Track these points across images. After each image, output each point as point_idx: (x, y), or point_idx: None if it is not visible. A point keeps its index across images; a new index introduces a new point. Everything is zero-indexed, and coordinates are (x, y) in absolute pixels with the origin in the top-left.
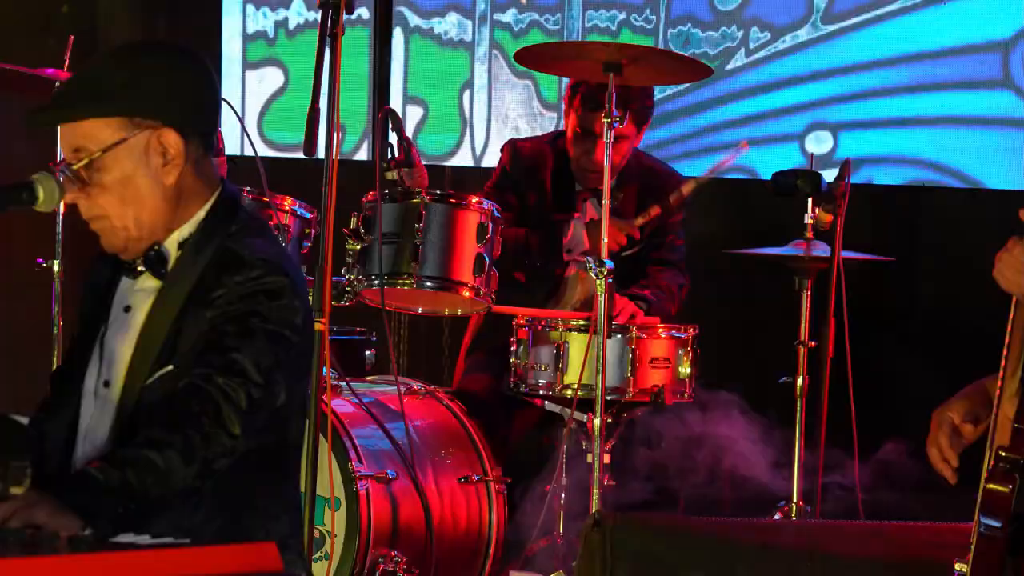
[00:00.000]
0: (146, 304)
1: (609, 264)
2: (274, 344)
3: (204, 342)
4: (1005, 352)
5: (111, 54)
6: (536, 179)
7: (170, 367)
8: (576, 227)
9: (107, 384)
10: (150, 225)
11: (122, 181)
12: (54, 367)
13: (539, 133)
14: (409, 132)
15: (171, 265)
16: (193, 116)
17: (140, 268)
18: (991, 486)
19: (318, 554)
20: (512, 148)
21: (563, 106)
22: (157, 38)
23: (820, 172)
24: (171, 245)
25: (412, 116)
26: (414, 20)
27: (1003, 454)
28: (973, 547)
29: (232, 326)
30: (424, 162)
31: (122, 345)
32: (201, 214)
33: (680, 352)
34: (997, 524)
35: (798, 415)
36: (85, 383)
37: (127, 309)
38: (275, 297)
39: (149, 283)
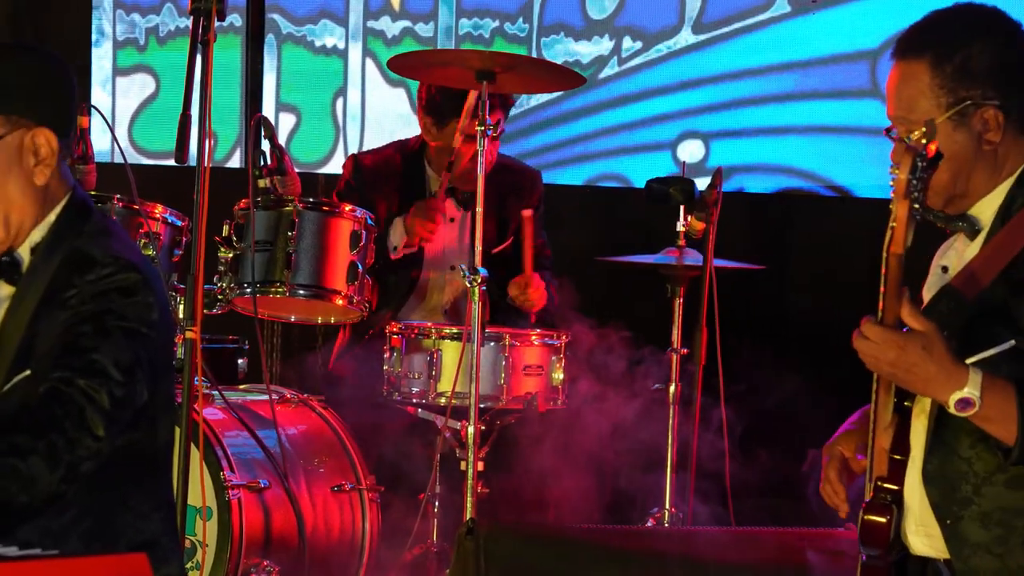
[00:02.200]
0: (0, 311)
1: (483, 272)
2: (132, 341)
3: (61, 344)
4: (875, 385)
5: None
6: (385, 189)
7: (27, 372)
8: (395, 223)
9: None
10: (18, 227)
11: None
12: None
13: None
14: (282, 140)
15: (24, 270)
16: (63, 117)
17: None
18: (869, 517)
19: (189, 564)
20: (355, 161)
21: (424, 117)
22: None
23: (693, 180)
24: (24, 251)
25: (285, 123)
26: (287, 27)
27: (881, 484)
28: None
29: (88, 326)
30: (297, 170)
31: None
32: (52, 217)
33: (553, 359)
34: (875, 553)
35: (671, 421)
36: None
37: None
38: (128, 294)
39: (4, 290)
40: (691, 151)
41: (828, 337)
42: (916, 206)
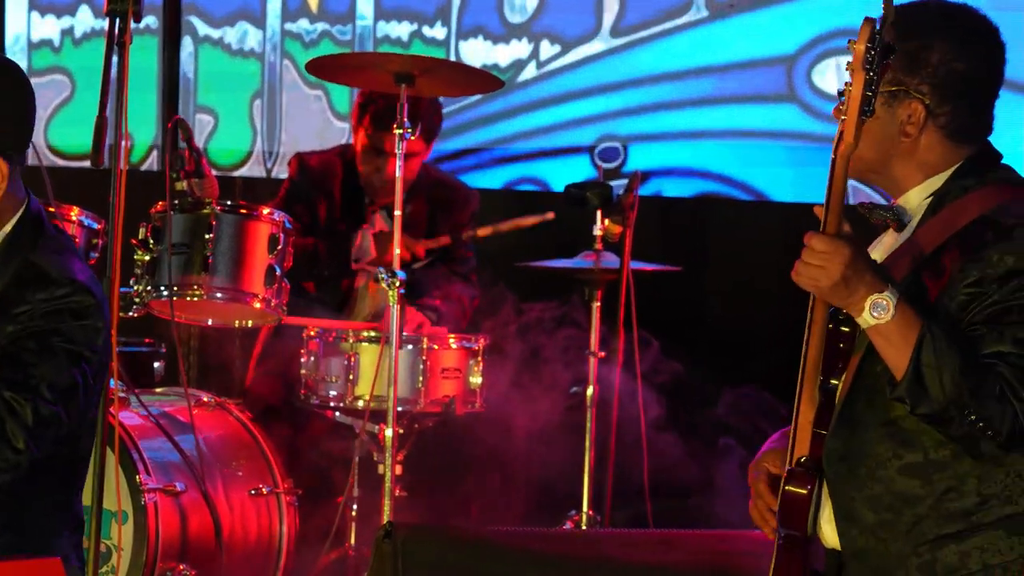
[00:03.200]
0: None
1: (401, 275)
2: (72, 364)
3: (3, 356)
4: (803, 363)
5: None
6: (325, 191)
7: None
8: (364, 237)
9: None
10: None
11: None
12: None
13: (331, 144)
14: (199, 142)
15: None
16: (18, 137)
17: None
18: (789, 488)
19: (104, 568)
20: (299, 161)
21: (351, 122)
22: None
23: (610, 184)
24: None
25: (202, 126)
26: (203, 29)
27: (801, 461)
28: (774, 559)
29: (33, 342)
30: (214, 172)
31: None
32: (8, 228)
33: (471, 362)
34: (796, 533)
35: (588, 424)
36: None
37: None
38: (80, 317)
39: None
40: (609, 155)
41: (744, 339)
42: (869, 93)
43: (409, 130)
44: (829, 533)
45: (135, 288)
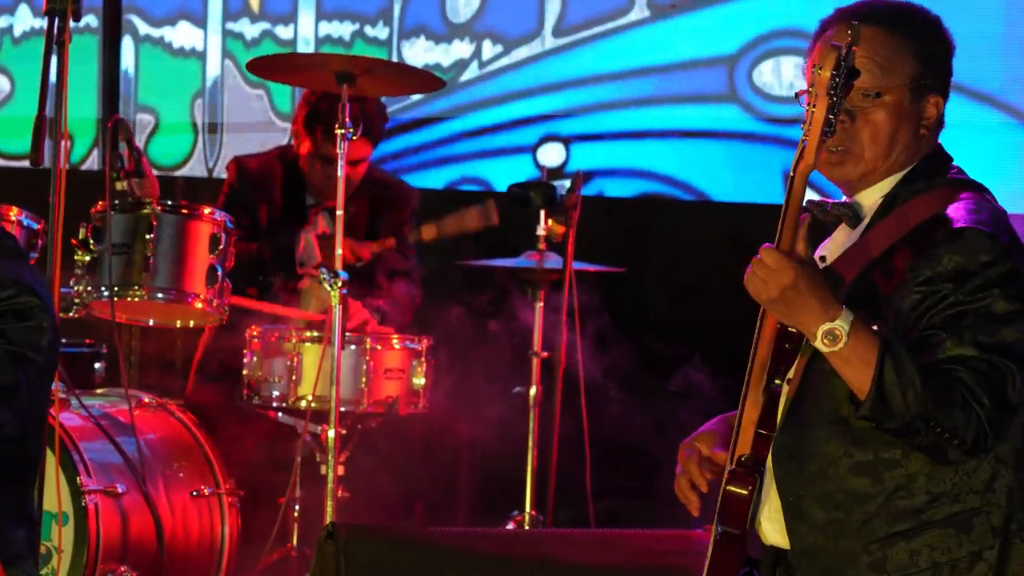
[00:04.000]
0: None
1: (343, 275)
2: (14, 365)
3: None
4: (751, 359)
5: None
6: (266, 194)
7: None
8: (308, 239)
9: None
10: None
11: None
12: None
13: (273, 143)
14: (140, 142)
15: None
16: None
17: None
18: (731, 488)
19: (44, 570)
20: (238, 165)
21: (294, 127)
22: None
23: (553, 184)
24: None
25: (143, 125)
26: (144, 28)
27: (743, 460)
28: (710, 555)
29: None
30: (155, 172)
31: None
32: None
33: (414, 363)
34: (736, 531)
35: (531, 424)
36: None
37: None
38: (23, 318)
39: None
40: (552, 155)
41: (687, 339)
42: (831, 116)
43: (351, 130)
44: (769, 530)
45: (75, 289)
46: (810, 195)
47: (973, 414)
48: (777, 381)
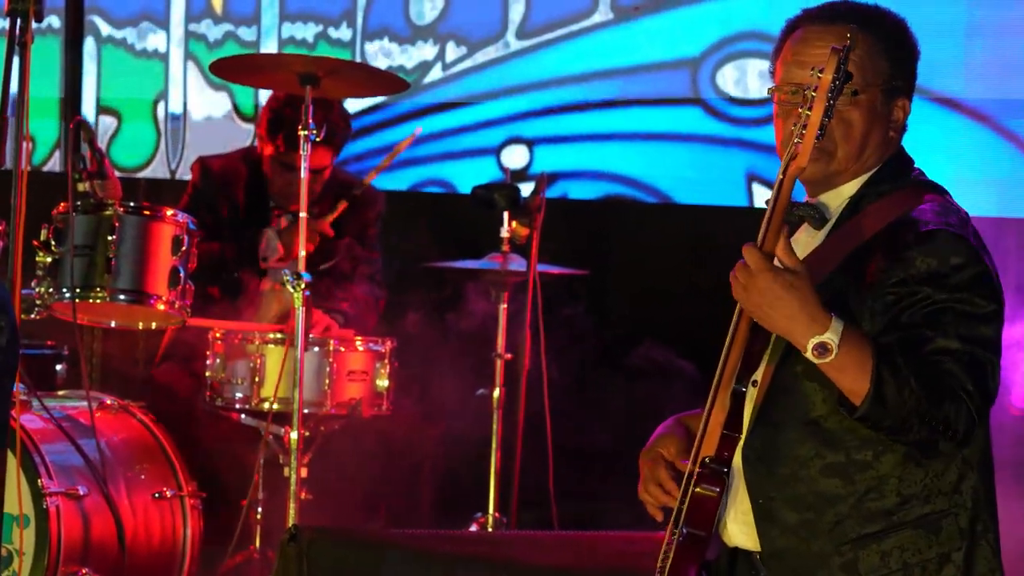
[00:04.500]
0: None
1: (306, 277)
2: None
3: None
4: (723, 361)
5: None
6: (228, 195)
7: None
8: (270, 235)
9: None
10: None
11: None
12: None
13: (236, 145)
14: (102, 143)
15: None
16: None
17: None
18: (700, 490)
19: (5, 573)
20: (202, 166)
21: (258, 131)
22: None
23: (517, 186)
24: None
25: (105, 127)
26: (106, 30)
27: (708, 461)
28: (671, 555)
29: None
30: (117, 174)
31: None
32: None
33: (377, 365)
34: (702, 534)
35: (494, 426)
36: None
37: None
38: None
39: None
40: (515, 157)
41: (649, 340)
42: (826, 119)
43: (315, 132)
44: (735, 532)
45: (37, 290)
46: (767, 194)
47: (963, 404)
48: (743, 384)
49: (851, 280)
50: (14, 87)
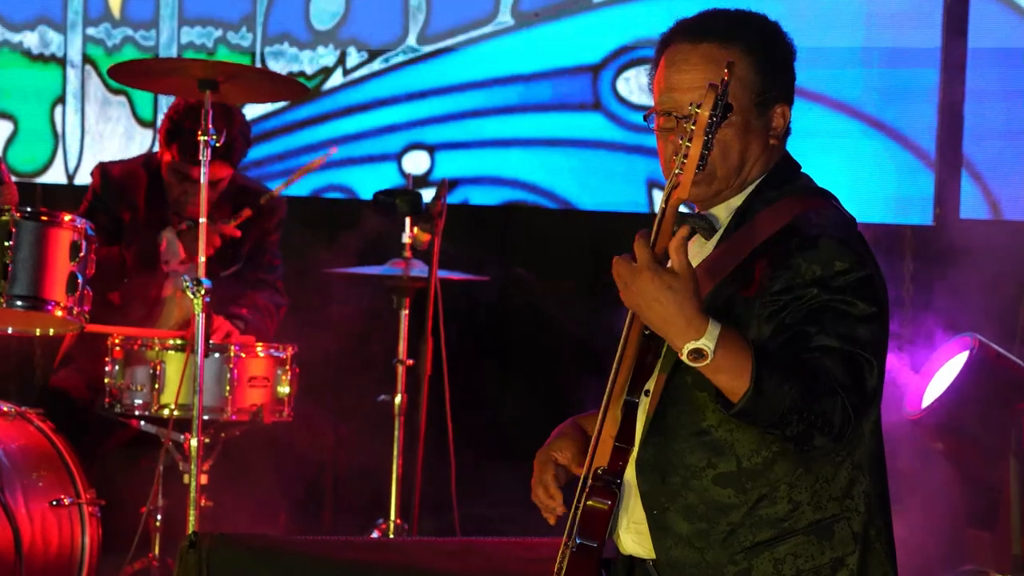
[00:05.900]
0: None
1: (206, 283)
2: None
3: None
4: (614, 372)
5: None
6: (128, 201)
7: None
8: (169, 237)
9: None
10: None
11: None
12: None
13: (135, 151)
14: None
15: None
16: None
17: None
18: (591, 503)
19: None
20: (102, 171)
21: (159, 138)
22: None
23: (418, 192)
24: None
25: (1, 132)
26: (2, 33)
27: (600, 473)
28: (566, 565)
29: None
30: (14, 179)
31: None
32: None
33: (279, 371)
34: (594, 544)
35: (396, 433)
36: None
37: None
38: None
39: None
40: (416, 163)
41: (549, 345)
42: (706, 151)
43: (214, 137)
44: (628, 542)
45: None
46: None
47: (839, 400)
48: (634, 395)
49: (740, 288)
50: None
